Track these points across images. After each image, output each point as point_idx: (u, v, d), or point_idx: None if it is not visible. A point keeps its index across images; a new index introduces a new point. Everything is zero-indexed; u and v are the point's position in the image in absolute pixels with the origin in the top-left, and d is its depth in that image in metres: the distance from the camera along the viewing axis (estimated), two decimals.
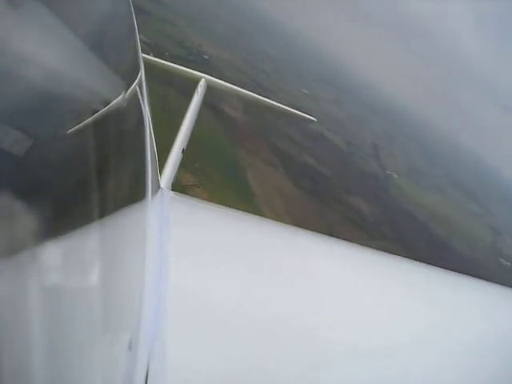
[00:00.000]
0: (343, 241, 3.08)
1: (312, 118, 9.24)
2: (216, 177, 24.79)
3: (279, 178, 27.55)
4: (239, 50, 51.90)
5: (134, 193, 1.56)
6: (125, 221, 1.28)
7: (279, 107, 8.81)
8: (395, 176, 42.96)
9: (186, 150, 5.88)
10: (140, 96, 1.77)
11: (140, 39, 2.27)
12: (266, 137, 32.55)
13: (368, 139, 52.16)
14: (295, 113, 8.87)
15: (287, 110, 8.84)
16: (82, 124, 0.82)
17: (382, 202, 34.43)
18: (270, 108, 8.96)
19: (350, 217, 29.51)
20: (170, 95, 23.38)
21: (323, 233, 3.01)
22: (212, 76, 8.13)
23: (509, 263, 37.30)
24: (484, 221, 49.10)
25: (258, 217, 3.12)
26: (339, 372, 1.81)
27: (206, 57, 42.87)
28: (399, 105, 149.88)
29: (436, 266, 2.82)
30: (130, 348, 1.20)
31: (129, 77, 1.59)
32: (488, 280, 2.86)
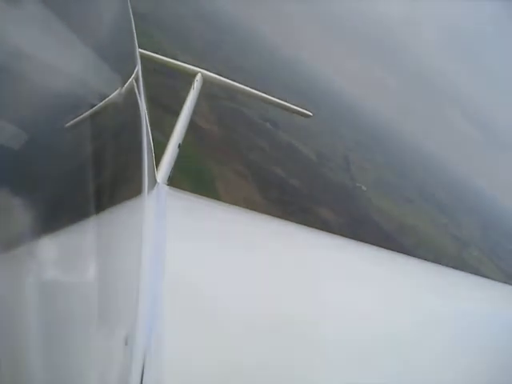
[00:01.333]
0: (339, 236, 3.05)
1: (308, 112, 9.14)
2: (185, 186, 24.40)
3: (248, 188, 27.67)
4: (214, 62, 52.78)
5: (131, 187, 1.58)
6: (121, 216, 1.28)
7: (275, 101, 8.73)
8: (364, 188, 43.50)
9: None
10: (137, 90, 1.79)
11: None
12: (237, 148, 32.67)
13: (339, 151, 52.63)
14: (291, 107, 8.79)
15: (283, 104, 8.77)
16: (78, 118, 0.82)
17: (349, 212, 34.79)
18: (267, 101, 8.80)
19: (316, 226, 28.57)
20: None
21: None
22: (188, 88, 7.88)
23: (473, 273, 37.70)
24: (452, 232, 49.96)
25: (253, 212, 3.13)
26: (336, 363, 1.80)
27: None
28: (372, 118, 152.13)
29: None
30: (126, 343, 1.20)
31: (126, 71, 1.61)
32: None
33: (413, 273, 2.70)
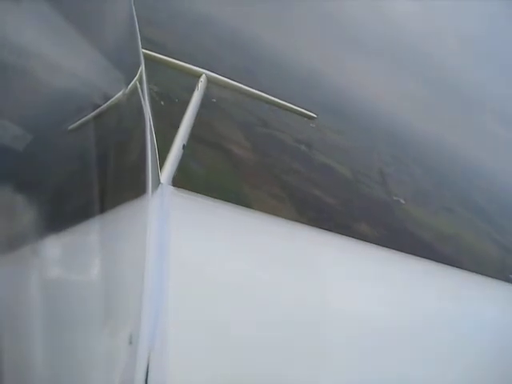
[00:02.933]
0: (346, 236, 3.01)
1: (312, 114, 9.16)
2: None
3: (285, 210, 28.14)
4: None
5: (135, 188, 1.56)
6: (125, 216, 1.28)
7: (280, 103, 8.59)
8: (402, 201, 43.37)
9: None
10: (140, 91, 1.78)
11: (151, 89, 2.52)
12: (272, 172, 33.40)
13: (375, 166, 52.44)
14: (296, 109, 8.71)
15: (287, 106, 8.64)
16: (82, 119, 0.82)
17: (387, 226, 34.94)
18: (271, 103, 8.66)
19: None
20: None
21: None
22: (221, 118, 8.44)
23: None
24: (494, 238, 48.98)
25: (259, 212, 3.09)
26: (340, 361, 1.83)
27: (214, 100, 44.11)
28: (407, 130, 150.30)
29: None
30: (130, 342, 1.21)
31: (129, 72, 1.60)
32: None
33: (421, 274, 2.68)
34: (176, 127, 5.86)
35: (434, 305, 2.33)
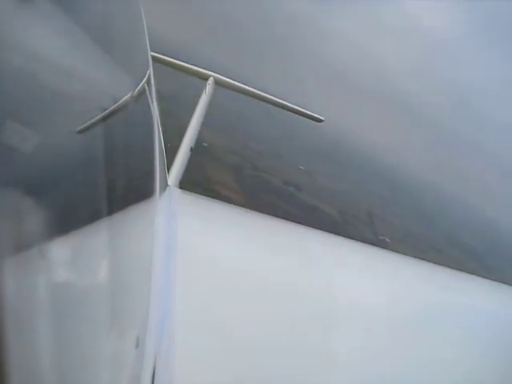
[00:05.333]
0: (350, 239, 3.06)
1: (320, 117, 8.90)
2: None
3: None
4: (236, 133, 53.37)
5: (143, 190, 1.56)
6: (133, 218, 1.28)
7: (287, 105, 8.49)
8: (387, 240, 43.52)
9: None
10: (148, 94, 1.82)
11: None
12: (261, 213, 33.27)
13: (363, 207, 53.17)
14: (303, 111, 8.62)
15: (295, 108, 8.52)
16: (90, 121, 0.83)
17: None
18: (279, 105, 8.46)
19: None
20: None
21: None
22: (213, 163, 8.17)
23: None
24: (482, 276, 48.79)
25: (265, 215, 3.12)
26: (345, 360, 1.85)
27: (205, 144, 44.07)
28: (397, 171, 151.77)
29: None
30: (137, 345, 1.21)
31: (137, 74, 1.63)
32: None
33: (424, 277, 2.70)
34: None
35: (435, 303, 2.34)
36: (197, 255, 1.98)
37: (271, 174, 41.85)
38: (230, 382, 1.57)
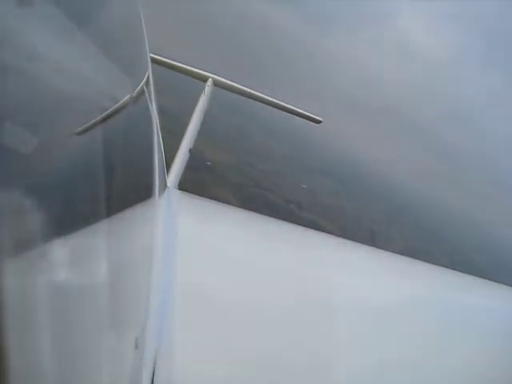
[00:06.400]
0: (352, 241, 3.10)
1: (319, 118, 8.89)
2: None
3: None
4: (240, 151, 53.64)
5: (142, 191, 1.56)
6: (132, 219, 1.28)
7: (286, 107, 8.51)
8: None
9: None
10: (147, 95, 1.81)
11: None
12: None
13: (365, 224, 53.26)
14: (302, 113, 8.63)
15: (293, 110, 8.54)
16: (89, 123, 0.82)
17: None
18: (277, 107, 8.48)
19: None
20: None
21: None
22: (215, 181, 7.78)
23: None
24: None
25: (264, 216, 3.10)
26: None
27: (209, 163, 43.43)
28: (400, 187, 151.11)
29: None
30: (136, 346, 1.21)
31: (137, 76, 1.61)
32: None
33: (428, 280, 2.70)
34: None
35: (433, 300, 2.35)
36: (196, 256, 1.99)
37: (273, 192, 42.15)
38: (229, 382, 1.58)
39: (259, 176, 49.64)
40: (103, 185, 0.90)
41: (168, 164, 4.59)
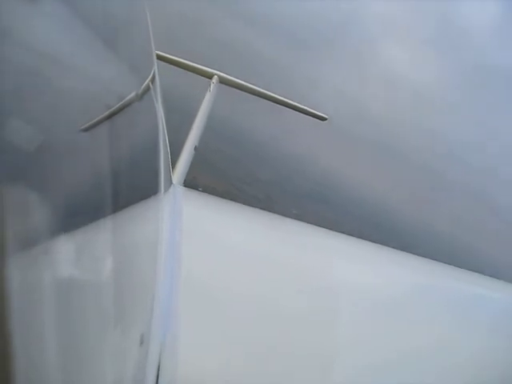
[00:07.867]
0: (354, 237, 3.03)
1: (324, 115, 8.61)
2: None
3: None
4: (232, 178, 54.28)
5: (147, 188, 1.56)
6: (137, 216, 1.28)
7: (290, 103, 8.30)
8: None
9: None
10: (153, 92, 1.81)
11: None
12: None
13: None
14: (307, 109, 8.38)
15: (298, 107, 8.34)
16: (95, 119, 0.82)
17: None
18: (282, 103, 8.25)
19: None
20: None
21: None
22: None
23: None
24: None
25: (269, 212, 3.10)
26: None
27: (200, 189, 42.08)
28: (392, 214, 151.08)
29: None
30: (141, 343, 1.21)
31: (142, 73, 1.62)
32: None
33: (426, 274, 2.69)
34: None
35: (433, 298, 2.35)
36: (201, 252, 2.00)
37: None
38: (234, 378, 1.58)
39: (251, 202, 46.43)
40: (109, 181, 0.91)
41: (173, 161, 4.64)
